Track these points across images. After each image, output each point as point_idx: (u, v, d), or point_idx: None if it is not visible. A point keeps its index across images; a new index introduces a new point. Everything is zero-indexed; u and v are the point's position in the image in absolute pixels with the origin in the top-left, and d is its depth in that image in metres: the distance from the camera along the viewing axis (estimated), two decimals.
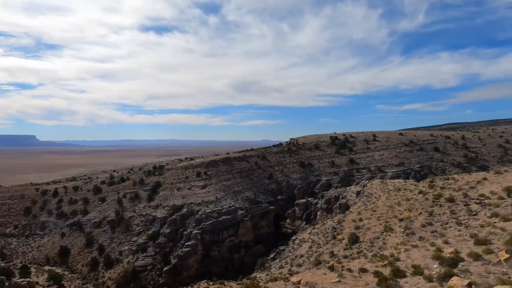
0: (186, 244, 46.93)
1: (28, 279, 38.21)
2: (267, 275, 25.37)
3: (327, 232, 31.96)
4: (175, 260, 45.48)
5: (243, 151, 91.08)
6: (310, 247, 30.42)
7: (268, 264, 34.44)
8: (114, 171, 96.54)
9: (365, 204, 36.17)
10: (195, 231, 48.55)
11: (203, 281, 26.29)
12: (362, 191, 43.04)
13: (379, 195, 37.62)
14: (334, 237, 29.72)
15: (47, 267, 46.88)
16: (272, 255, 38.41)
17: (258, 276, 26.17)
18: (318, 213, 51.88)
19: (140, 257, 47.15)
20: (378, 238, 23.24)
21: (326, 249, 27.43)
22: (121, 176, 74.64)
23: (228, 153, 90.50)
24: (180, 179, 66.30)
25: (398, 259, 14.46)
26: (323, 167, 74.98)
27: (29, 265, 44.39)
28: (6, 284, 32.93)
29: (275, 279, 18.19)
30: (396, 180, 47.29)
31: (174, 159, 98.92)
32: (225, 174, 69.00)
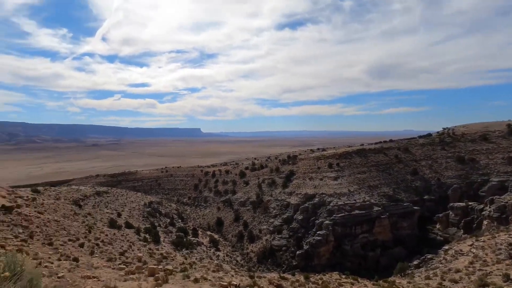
0: (317, 233, 47.88)
1: (197, 239, 49.61)
2: (409, 283, 22.44)
3: (500, 249, 24.75)
4: (307, 246, 47.32)
5: (380, 142, 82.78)
6: (472, 263, 24.49)
7: (410, 271, 30.36)
8: (255, 158, 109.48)
9: None
10: (327, 222, 48.66)
11: (335, 273, 26.22)
12: None
13: None
14: (511, 257, 22.72)
15: (208, 232, 59.28)
16: (415, 262, 33.54)
17: (397, 281, 23.57)
18: (485, 222, 40.80)
19: (276, 237, 51.91)
20: None
21: (497, 269, 21.34)
22: (261, 164, 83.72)
23: (362, 144, 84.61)
24: (312, 169, 67.66)
25: None
26: (494, 165, 57.94)
27: (197, 228, 57.65)
28: (184, 240, 43.88)
29: None
30: None
31: (307, 149, 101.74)
32: (359, 166, 65.01)
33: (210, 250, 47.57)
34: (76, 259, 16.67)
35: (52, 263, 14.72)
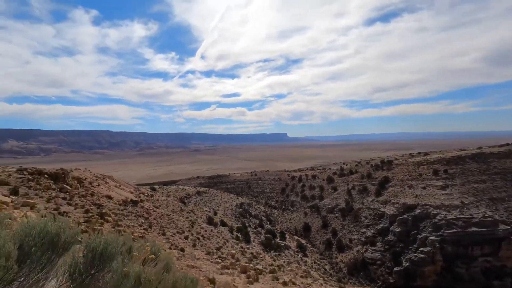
0: (420, 249, 41.76)
1: (284, 242, 50.32)
2: None
3: None
4: (407, 264, 41.80)
5: (506, 144, 66.54)
6: None
7: None
8: (344, 163, 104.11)
9: None
10: (432, 238, 41.93)
11: None
12: None
13: None
14: None
15: (295, 237, 59.29)
16: None
17: None
18: None
19: (369, 249, 47.77)
20: None
21: None
22: (350, 169, 78.99)
23: (480, 147, 69.78)
24: (412, 176, 59.81)
25: None
26: None
27: (284, 232, 58.48)
28: (272, 242, 45.11)
29: None
30: None
31: (404, 153, 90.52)
32: (476, 174, 53.83)
33: (298, 255, 47.47)
34: (182, 249, 19.33)
35: (165, 250, 17.56)
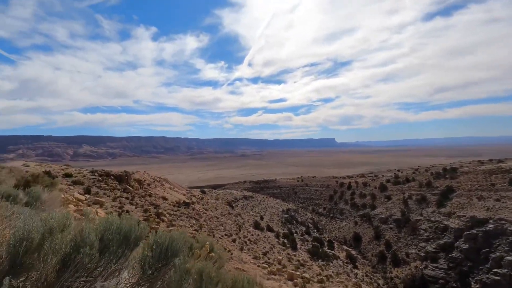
0: (494, 270, 36.49)
1: (332, 251, 48.41)
2: None
3: None
4: (477, 286, 36.84)
5: None
6: None
7: None
8: (398, 170, 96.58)
9: None
10: (510, 258, 36.36)
11: None
12: None
13: None
14: None
15: (344, 247, 56.55)
16: None
17: None
18: None
19: (430, 266, 43.29)
20: None
21: None
22: (406, 176, 73.04)
23: None
24: (482, 186, 52.95)
25: None
26: None
27: (333, 241, 56.20)
28: (320, 250, 43.74)
29: None
30: None
31: (472, 160, 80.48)
32: None
33: (347, 266, 45.15)
34: (230, 252, 19.88)
35: (222, 250, 18.28)
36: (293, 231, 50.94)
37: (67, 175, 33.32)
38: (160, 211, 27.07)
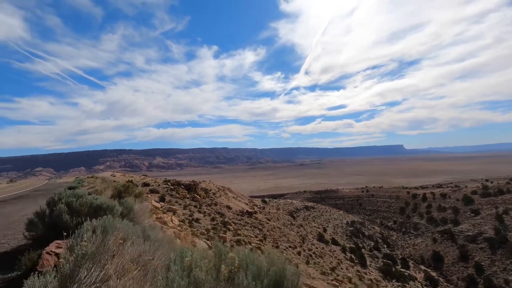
0: None
1: (408, 271, 43.45)
2: None
3: None
4: None
5: None
6: None
7: None
8: (487, 180, 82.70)
9: None
10: None
11: None
12: None
13: None
14: None
15: (422, 267, 50.21)
16: None
17: None
18: None
19: None
20: None
21: None
22: (498, 187, 62.14)
23: None
24: None
25: None
26: None
27: (407, 259, 50.44)
28: (393, 269, 39.74)
29: None
30: None
31: None
32: None
33: None
34: (296, 265, 19.31)
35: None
36: (360, 245, 47.40)
37: (145, 184, 37.26)
38: (226, 220, 28.06)
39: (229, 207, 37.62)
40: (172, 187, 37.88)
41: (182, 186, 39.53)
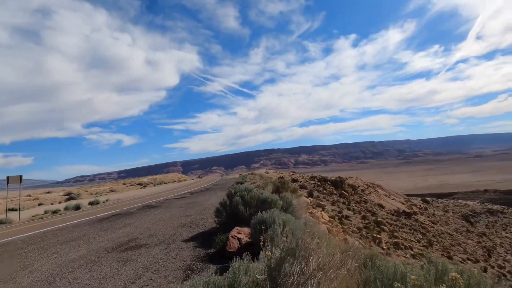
0: None
1: None
2: None
3: None
4: None
5: None
6: None
7: None
8: None
9: None
10: None
11: None
12: None
13: None
14: None
15: None
16: None
17: None
18: None
19: None
20: None
21: None
22: None
23: None
24: None
25: None
26: None
27: None
28: None
29: None
30: None
31: None
32: None
33: None
34: None
35: None
36: None
37: (294, 180, 40.04)
38: (379, 219, 26.03)
39: (381, 206, 34.58)
40: (319, 183, 38.79)
41: (329, 182, 39.76)
